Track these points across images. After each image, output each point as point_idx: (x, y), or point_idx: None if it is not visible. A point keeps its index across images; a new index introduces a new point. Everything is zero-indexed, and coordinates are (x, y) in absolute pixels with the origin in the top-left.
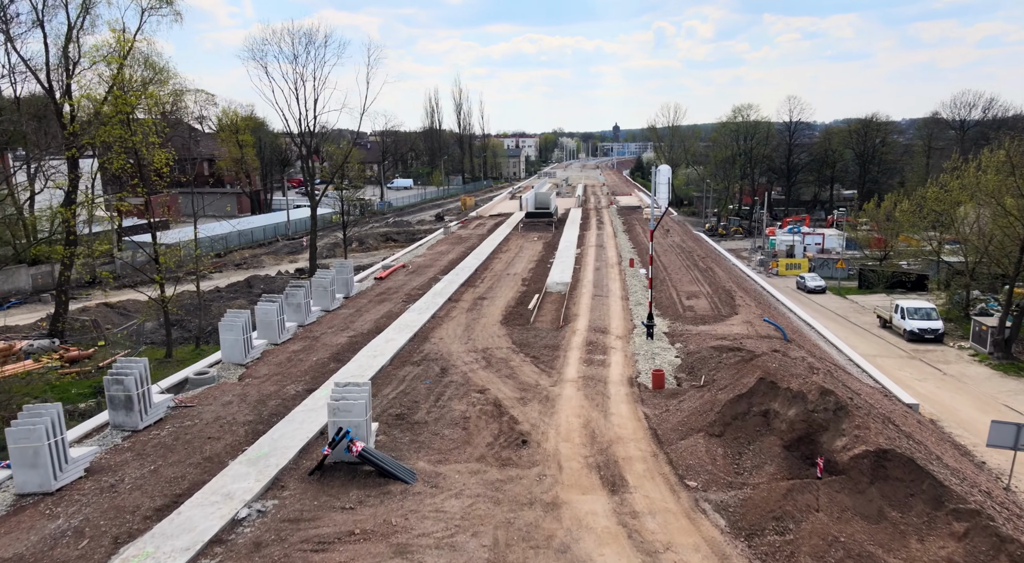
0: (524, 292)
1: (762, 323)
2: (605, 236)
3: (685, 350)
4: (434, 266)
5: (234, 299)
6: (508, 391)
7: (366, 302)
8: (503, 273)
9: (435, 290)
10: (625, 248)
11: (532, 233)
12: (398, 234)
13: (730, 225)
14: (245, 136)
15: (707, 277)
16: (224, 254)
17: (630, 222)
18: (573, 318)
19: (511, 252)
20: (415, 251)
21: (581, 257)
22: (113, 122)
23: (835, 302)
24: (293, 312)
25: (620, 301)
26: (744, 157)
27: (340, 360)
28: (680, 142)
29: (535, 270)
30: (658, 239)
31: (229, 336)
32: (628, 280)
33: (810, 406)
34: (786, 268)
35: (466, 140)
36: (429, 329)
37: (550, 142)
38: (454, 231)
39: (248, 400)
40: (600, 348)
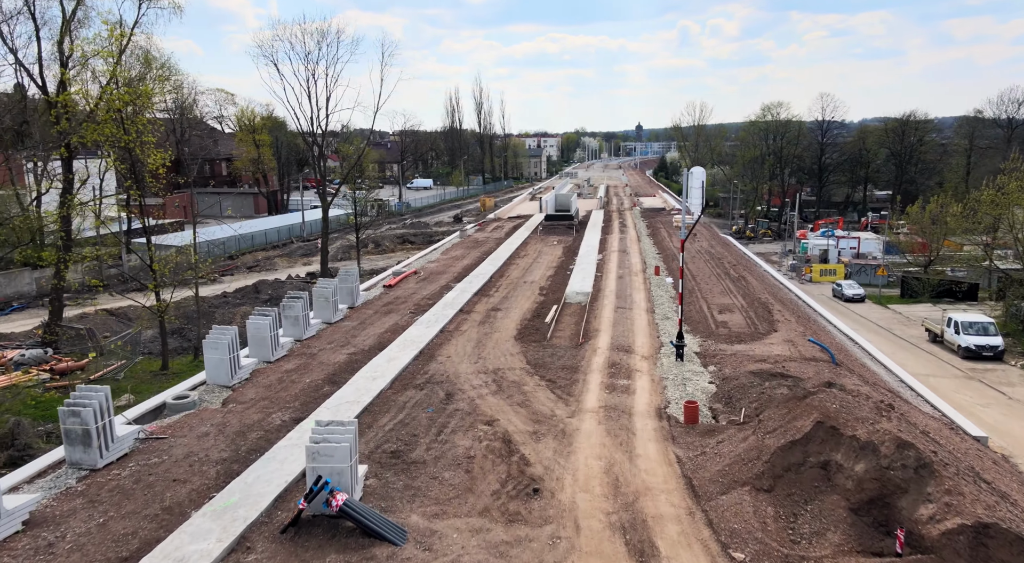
0: (541, 303)
1: (806, 343)
2: (628, 240)
3: (720, 375)
4: (447, 273)
5: (240, 305)
6: (520, 423)
7: (371, 313)
8: (519, 281)
9: (446, 300)
10: (650, 254)
11: (552, 237)
12: (415, 236)
13: (759, 227)
14: (262, 136)
15: (740, 288)
16: (236, 256)
17: (654, 225)
18: (594, 334)
19: (529, 257)
20: (428, 256)
21: (603, 264)
22: (105, 120)
23: (876, 312)
24: (290, 325)
25: (645, 315)
26: (774, 157)
27: (336, 382)
28: (706, 142)
29: (554, 278)
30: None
31: (214, 355)
32: (653, 290)
33: (883, 461)
34: (820, 274)
35: (486, 140)
36: (436, 346)
37: (572, 142)
38: (470, 234)
39: (227, 432)
40: (624, 371)
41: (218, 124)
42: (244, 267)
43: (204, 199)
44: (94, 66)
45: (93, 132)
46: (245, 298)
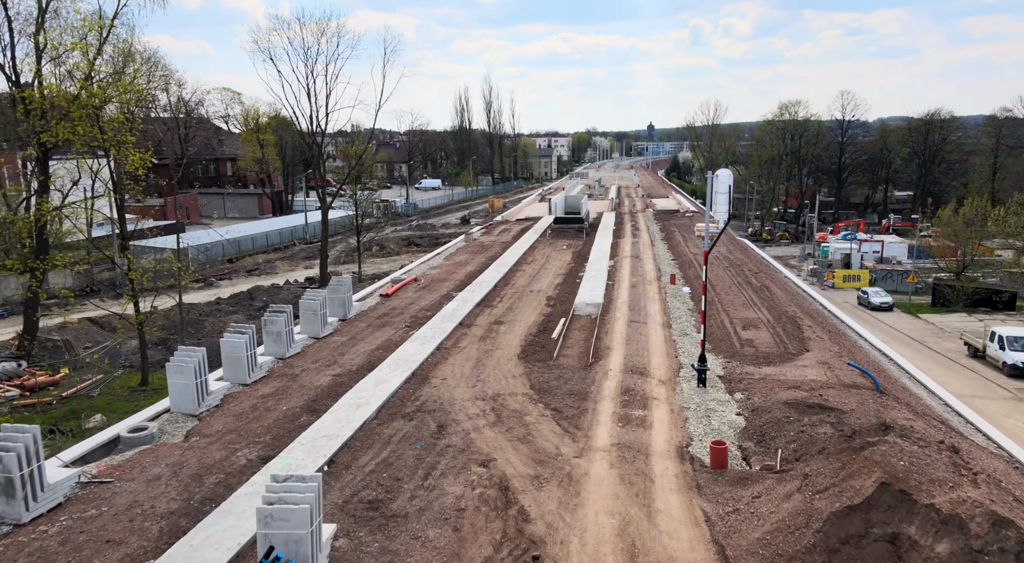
0: (548, 315)
1: (843, 365)
2: (641, 245)
3: (749, 404)
4: (449, 280)
5: (232, 313)
6: (520, 464)
7: (364, 327)
8: (525, 290)
9: (446, 312)
10: (664, 260)
11: (561, 241)
12: (420, 238)
13: (775, 230)
14: (266, 135)
15: (764, 299)
16: (236, 259)
17: (668, 228)
18: (605, 353)
19: (536, 263)
20: (430, 262)
21: (615, 271)
22: (77, 117)
23: (906, 322)
24: (272, 342)
25: (661, 330)
26: (791, 157)
27: (315, 410)
28: (720, 141)
29: (562, 286)
30: (701, 249)
31: (179, 380)
32: (670, 301)
33: (975, 542)
34: (844, 280)
35: (496, 139)
36: (431, 366)
37: (583, 142)
38: (476, 238)
39: (182, 474)
40: (639, 399)
41: (224, 123)
42: (243, 271)
43: (208, 200)
44: (72, 61)
45: (65, 130)
46: (238, 305)
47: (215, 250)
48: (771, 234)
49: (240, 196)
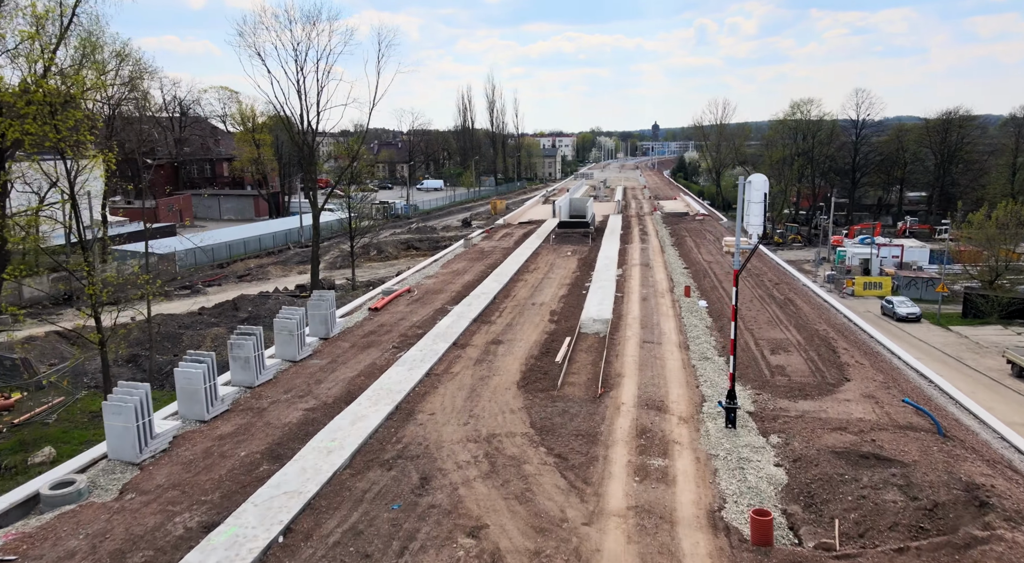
0: (552, 332)
1: (890, 399)
2: (651, 251)
3: (790, 452)
4: (445, 292)
5: (214, 325)
6: (516, 533)
7: (347, 347)
8: (527, 302)
9: (439, 329)
10: (676, 268)
11: (565, 246)
12: (420, 241)
13: (787, 233)
14: (262, 135)
15: (790, 315)
16: (227, 264)
17: (679, 233)
18: (616, 381)
19: (540, 272)
20: (426, 270)
21: (623, 281)
22: (26, 114)
23: (937, 335)
24: (240, 369)
25: (678, 352)
26: (804, 157)
27: (279, 457)
28: (730, 141)
29: (567, 299)
30: (716, 256)
31: (117, 422)
32: (685, 317)
33: None
34: (864, 288)
35: (499, 139)
36: (419, 397)
37: (588, 141)
38: (476, 243)
39: (101, 551)
40: (658, 443)
41: (221, 123)
42: (233, 276)
43: (203, 201)
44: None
45: (14, 130)
46: (221, 316)
47: (204, 255)
48: (783, 237)
49: (235, 197)
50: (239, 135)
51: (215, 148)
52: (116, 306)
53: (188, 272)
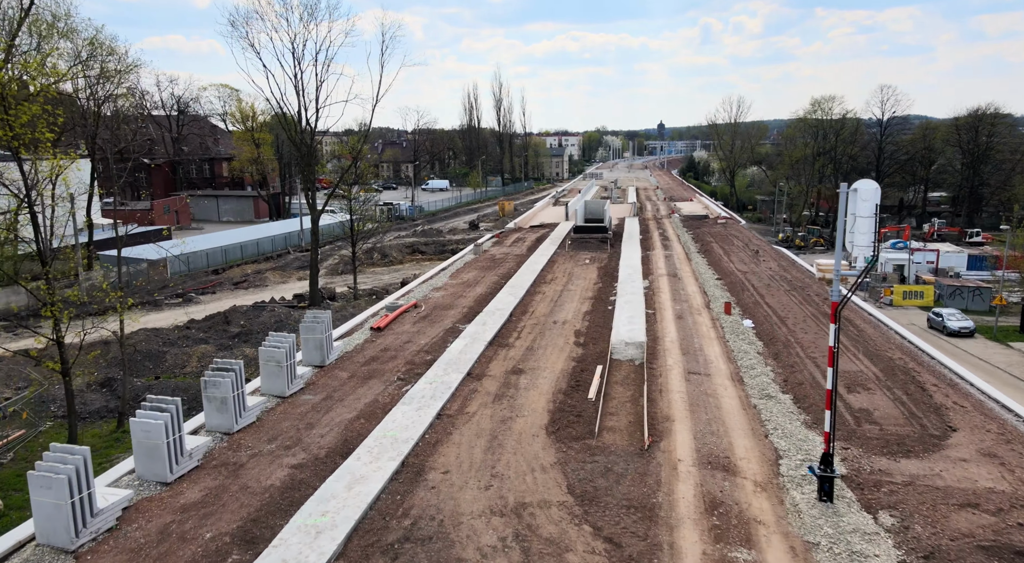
0: (580, 358)
1: (1018, 457)
2: (676, 259)
3: (914, 543)
4: (455, 307)
5: (201, 342)
6: None
7: (345, 379)
8: (548, 320)
9: (450, 355)
10: (708, 279)
11: (582, 253)
12: (426, 245)
13: (809, 235)
14: (261, 133)
15: (853, 338)
16: (223, 270)
17: (702, 238)
18: (665, 426)
19: (558, 283)
20: (433, 281)
21: (652, 294)
22: None
23: (998, 353)
24: (215, 412)
25: (732, 387)
26: (826, 157)
27: (252, 540)
28: (747, 140)
29: (592, 316)
30: (749, 265)
31: (46, 498)
32: (731, 340)
33: None
34: (903, 297)
35: (506, 138)
36: (429, 447)
37: (594, 141)
38: (486, 250)
39: None
40: (736, 524)
41: (222, 122)
42: (229, 283)
43: (201, 202)
44: None
45: None
46: (211, 331)
47: (198, 260)
48: (804, 240)
49: (235, 198)
50: (238, 134)
51: (214, 147)
52: (83, 324)
53: (180, 279)
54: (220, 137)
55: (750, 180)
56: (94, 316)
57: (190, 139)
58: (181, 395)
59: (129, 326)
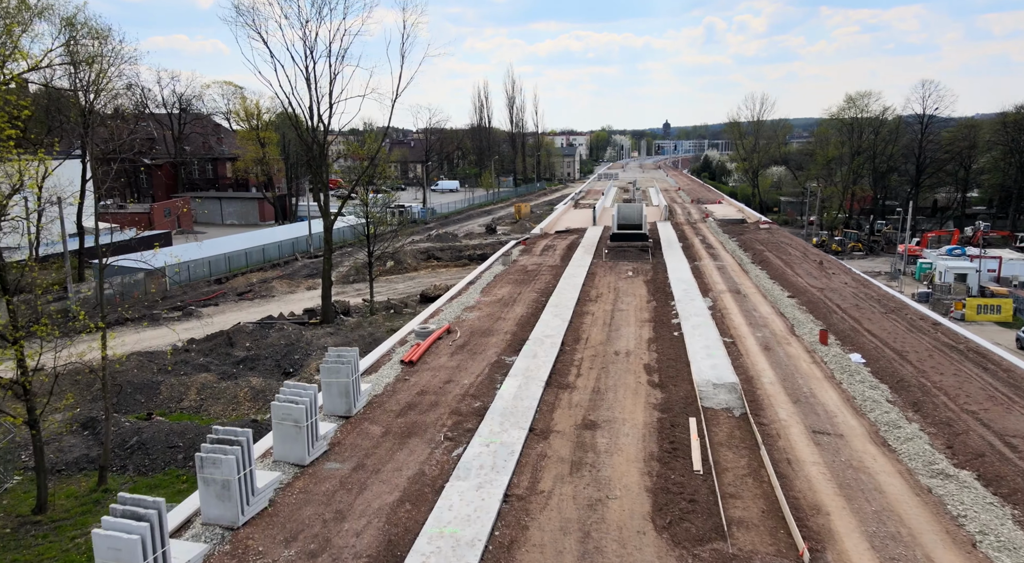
0: (662, 405)
1: None
2: (731, 271)
3: None
4: (495, 332)
5: (202, 370)
6: None
7: (379, 436)
8: (606, 350)
9: (503, 401)
10: (779, 298)
11: (622, 264)
12: (441, 251)
13: (846, 240)
14: (267, 132)
15: (1004, 381)
16: (227, 278)
17: (750, 245)
18: (819, 524)
19: (605, 301)
20: (464, 298)
21: (720, 317)
22: None
23: None
24: (215, 499)
25: (882, 456)
26: (863, 156)
27: None
28: (772, 139)
29: (658, 344)
30: (821, 280)
31: None
32: (844, 381)
33: None
34: (977, 312)
35: (519, 138)
36: (502, 550)
37: (602, 140)
38: (516, 259)
39: None
40: None
41: (225, 120)
42: (233, 294)
43: (204, 204)
44: None
45: None
46: (213, 353)
47: (199, 269)
48: (842, 245)
49: (239, 200)
50: (242, 133)
51: (217, 147)
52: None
53: (180, 290)
54: (224, 136)
55: (773, 181)
56: (73, 337)
57: (192, 138)
58: (177, 441)
59: (121, 348)
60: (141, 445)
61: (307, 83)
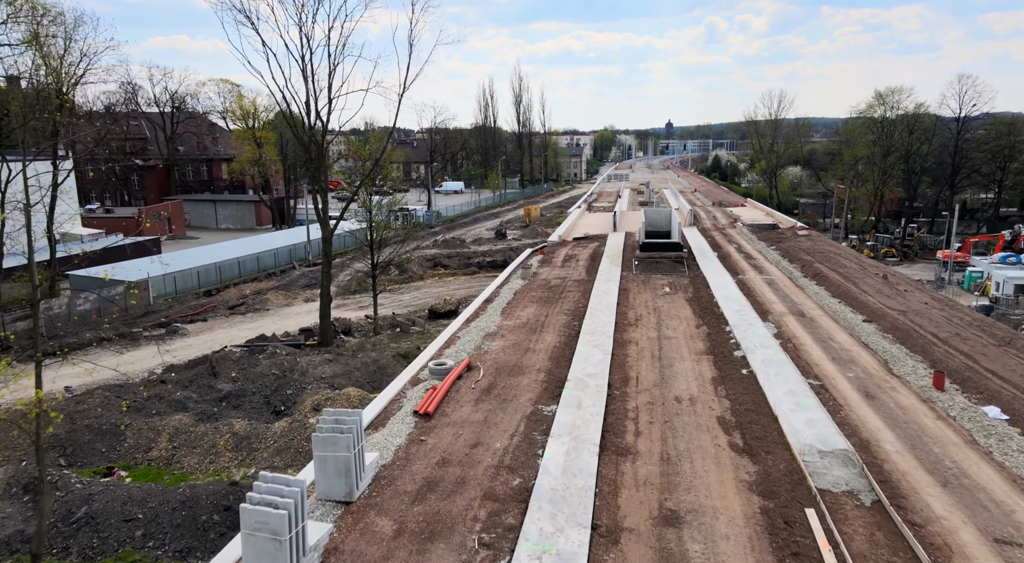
0: (759, 487)
1: None
2: (783, 287)
3: None
4: (525, 369)
5: (179, 408)
6: None
7: (389, 538)
8: (665, 395)
9: (550, 479)
10: (854, 322)
11: (655, 277)
12: (449, 258)
13: (879, 245)
14: (264, 132)
15: None
16: (218, 290)
17: (794, 255)
18: None
19: (647, 325)
20: (482, 321)
21: (794, 349)
22: None
23: None
24: None
25: None
26: (895, 156)
27: None
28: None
29: (727, 387)
30: (895, 298)
31: None
32: (994, 449)
33: None
34: None
35: (526, 137)
36: None
37: (606, 140)
38: (536, 272)
39: None
40: None
41: (222, 119)
42: (224, 307)
43: (198, 208)
44: None
45: None
46: (193, 385)
47: (187, 280)
48: (874, 250)
49: (234, 203)
50: (237, 132)
51: (213, 147)
52: None
53: (166, 303)
54: (220, 136)
55: (791, 181)
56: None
57: (186, 138)
58: (136, 512)
59: (94, 376)
60: (90, 519)
61: (304, 76)
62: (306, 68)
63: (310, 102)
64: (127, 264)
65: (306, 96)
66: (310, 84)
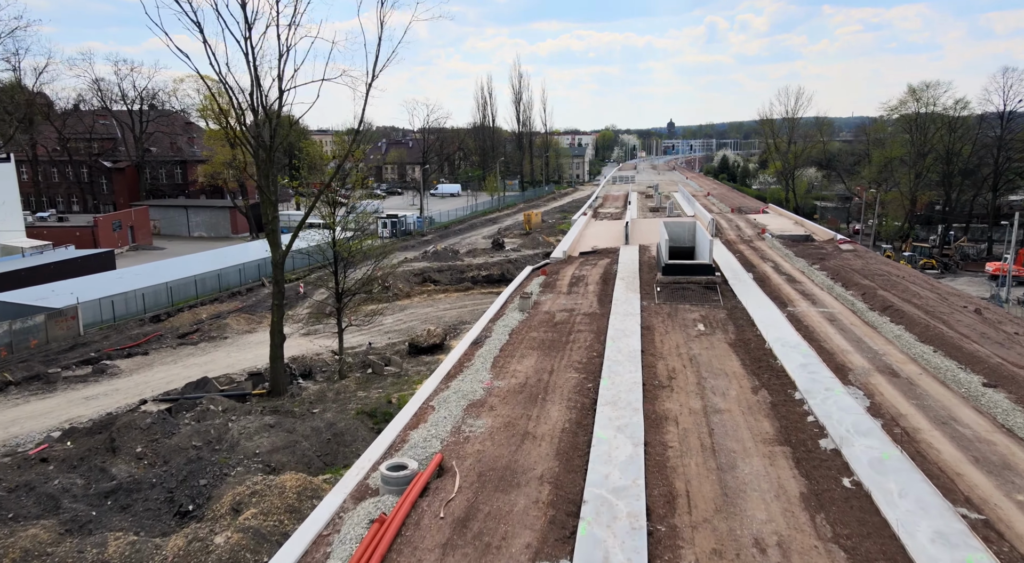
0: None
1: None
2: (849, 325)
3: None
4: (519, 478)
5: (44, 511)
6: None
7: None
8: (732, 533)
9: None
10: (972, 387)
11: (683, 308)
12: (439, 272)
13: (917, 255)
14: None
15: None
16: (171, 313)
17: (845, 277)
18: None
19: (684, 385)
20: (465, 382)
21: (907, 435)
22: None
23: None
24: None
25: None
26: (933, 156)
27: None
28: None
29: (826, 514)
30: (994, 339)
31: None
32: None
33: None
34: None
35: (527, 137)
36: None
37: (608, 140)
38: (536, 300)
39: None
40: None
41: (202, 120)
42: (172, 336)
43: (168, 214)
44: None
45: None
46: (82, 465)
47: (131, 303)
48: (912, 262)
49: (208, 210)
50: (210, 132)
51: (188, 148)
52: None
53: (100, 333)
54: (197, 137)
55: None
56: None
57: (158, 138)
58: None
59: None
60: None
61: (246, 58)
62: (248, 52)
63: (254, 92)
64: (66, 284)
65: (251, 84)
66: (252, 70)
